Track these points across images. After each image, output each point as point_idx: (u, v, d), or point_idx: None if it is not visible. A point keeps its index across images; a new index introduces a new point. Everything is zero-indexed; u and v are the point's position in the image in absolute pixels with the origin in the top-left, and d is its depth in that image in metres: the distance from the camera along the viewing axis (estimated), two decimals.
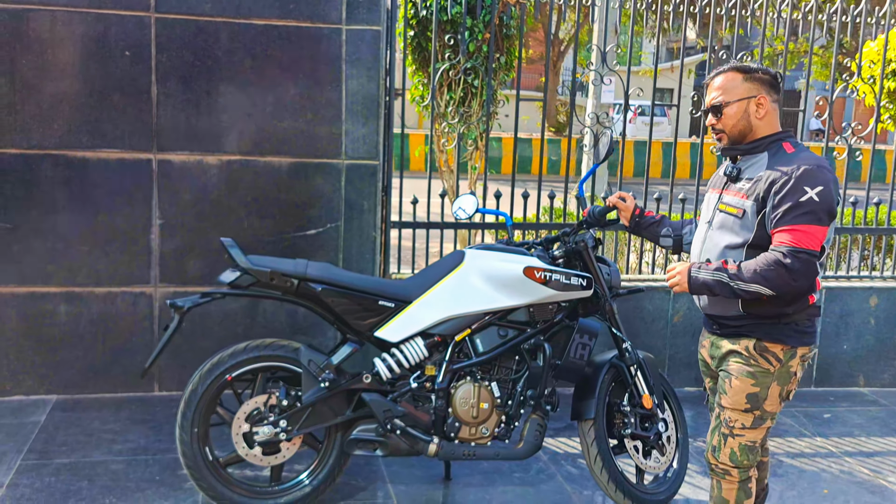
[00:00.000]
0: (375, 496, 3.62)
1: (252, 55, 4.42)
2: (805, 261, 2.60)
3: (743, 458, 2.87)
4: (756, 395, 2.82)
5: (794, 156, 2.71)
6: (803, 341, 2.81)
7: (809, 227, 2.61)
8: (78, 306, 4.48)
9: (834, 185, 2.67)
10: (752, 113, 2.78)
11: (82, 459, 3.81)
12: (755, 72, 2.80)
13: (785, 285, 2.62)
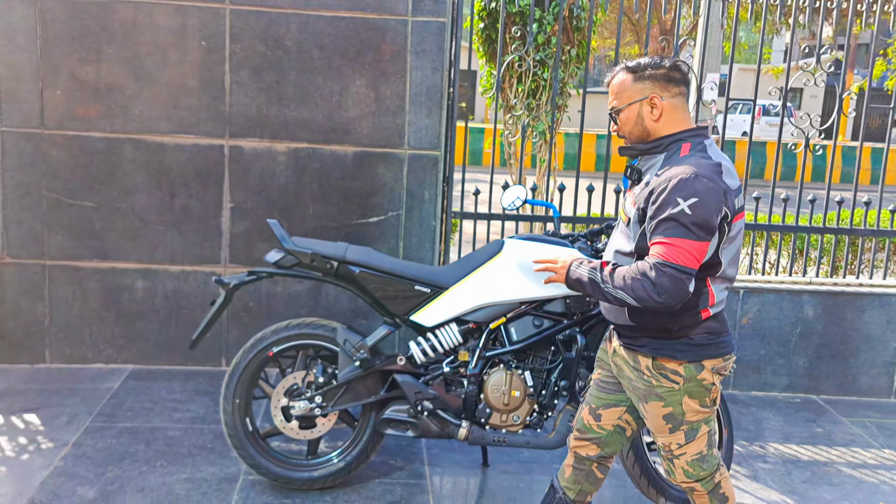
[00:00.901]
0: (411, 476, 3.71)
1: (320, 46, 4.58)
2: (671, 276, 2.38)
3: (697, 472, 2.71)
4: (671, 414, 2.64)
5: (682, 160, 2.47)
6: (705, 354, 2.59)
7: (679, 240, 2.38)
8: (154, 282, 4.74)
9: (713, 195, 2.39)
10: (646, 116, 2.56)
11: (144, 424, 4.04)
12: (644, 70, 2.57)
13: (648, 299, 2.41)
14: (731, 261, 2.57)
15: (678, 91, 2.57)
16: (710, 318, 2.58)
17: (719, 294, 2.58)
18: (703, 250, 2.41)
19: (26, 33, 4.46)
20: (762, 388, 5.14)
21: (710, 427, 2.70)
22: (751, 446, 4.33)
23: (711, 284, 2.55)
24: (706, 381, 2.61)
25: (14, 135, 4.54)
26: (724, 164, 2.49)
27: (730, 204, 2.45)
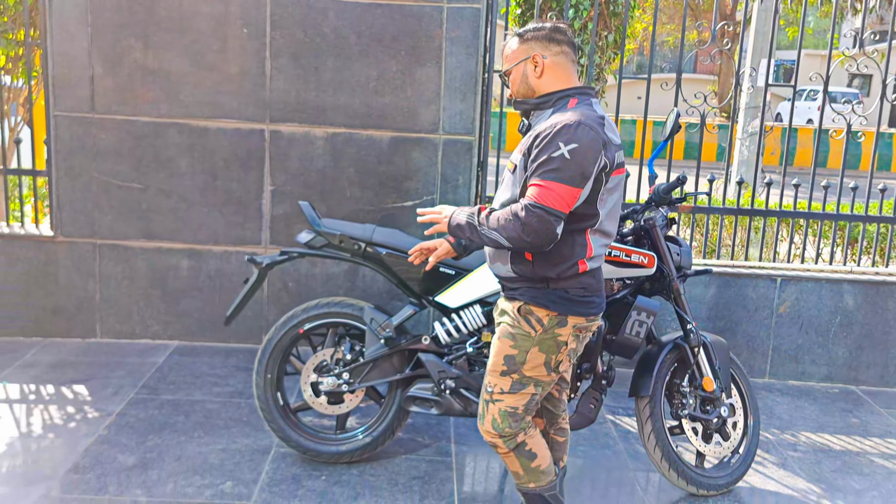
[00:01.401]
0: (436, 453, 3.81)
1: (357, 32, 4.67)
2: (540, 217, 2.42)
3: (504, 426, 2.75)
4: (513, 357, 2.68)
5: (569, 111, 2.56)
6: (574, 310, 2.64)
7: (554, 184, 2.44)
8: (198, 262, 4.91)
9: (593, 144, 2.46)
10: (530, 74, 2.66)
11: (184, 397, 4.21)
12: (528, 32, 2.68)
13: (518, 239, 2.47)
14: (610, 215, 2.65)
15: (560, 50, 2.66)
16: (586, 273, 2.64)
17: (597, 248, 2.65)
18: (575, 196, 2.48)
19: (77, 21, 4.64)
20: (800, 378, 5.11)
21: (537, 391, 2.74)
22: (782, 434, 4.33)
23: (590, 236, 2.62)
24: (561, 338, 2.67)
25: (66, 119, 4.74)
26: (606, 119, 2.59)
27: (609, 155, 2.53)
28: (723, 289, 5.01)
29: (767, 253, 5.74)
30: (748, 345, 5.07)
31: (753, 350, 5.08)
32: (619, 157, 2.61)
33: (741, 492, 3.67)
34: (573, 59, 2.71)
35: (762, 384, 5.03)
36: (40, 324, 4.91)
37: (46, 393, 4.18)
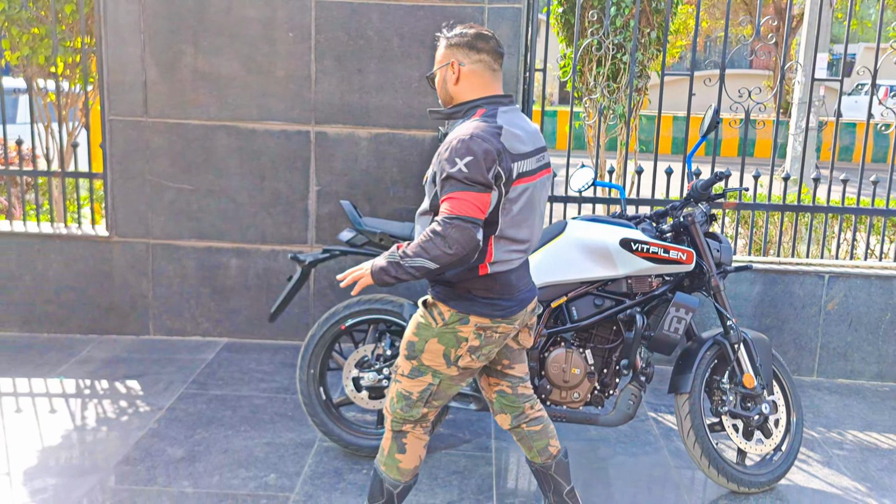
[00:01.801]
0: (476, 448, 3.85)
1: (399, 34, 4.74)
2: (458, 226, 2.44)
3: (397, 406, 2.80)
4: (413, 343, 2.73)
5: (471, 122, 2.57)
6: (476, 310, 2.65)
7: (461, 193, 2.46)
8: (246, 261, 5.04)
9: (486, 155, 2.46)
10: (449, 80, 2.67)
11: (232, 393, 4.33)
12: (453, 37, 2.67)
13: (443, 255, 2.46)
14: (516, 223, 2.63)
15: (479, 58, 2.65)
16: (488, 276, 2.64)
17: (501, 254, 2.64)
18: (486, 201, 2.50)
19: (130, 28, 4.80)
20: (849, 376, 5.04)
21: (433, 382, 2.76)
22: (828, 433, 4.28)
23: (493, 243, 2.61)
24: (462, 334, 2.68)
25: (120, 123, 4.90)
26: (506, 129, 2.56)
27: (505, 165, 2.53)
28: (769, 286, 4.97)
29: (817, 249, 5.66)
30: (795, 342, 5.02)
31: (801, 348, 5.02)
32: (523, 165, 2.60)
33: (784, 490, 3.65)
34: (494, 68, 2.70)
35: (810, 382, 4.98)
36: (96, 321, 5.09)
37: (101, 388, 4.33)
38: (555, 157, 5.22)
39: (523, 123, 2.69)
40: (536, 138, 2.72)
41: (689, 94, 4.93)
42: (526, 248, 2.72)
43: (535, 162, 2.67)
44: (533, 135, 2.71)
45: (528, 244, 2.72)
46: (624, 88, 5.51)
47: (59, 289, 5.06)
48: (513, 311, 2.72)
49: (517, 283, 2.73)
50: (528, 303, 2.78)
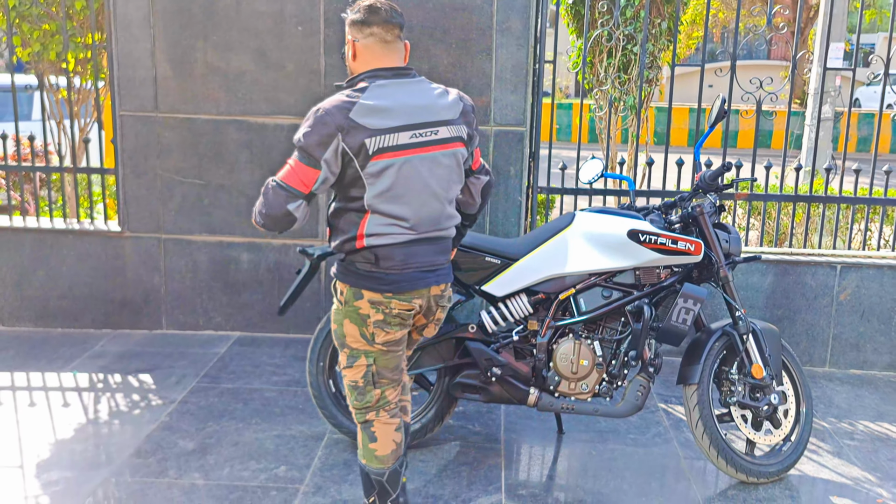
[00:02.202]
0: (486, 440, 3.87)
1: (408, 27, 4.72)
2: (273, 190, 2.57)
3: (352, 399, 2.84)
4: (336, 332, 2.80)
5: (332, 97, 2.62)
6: (363, 284, 2.67)
7: (296, 162, 2.57)
8: (257, 255, 5.06)
9: (322, 129, 2.51)
10: (348, 58, 2.73)
11: (243, 386, 4.36)
12: (348, 15, 2.72)
13: (257, 214, 2.62)
14: (389, 199, 2.61)
15: (370, 32, 2.66)
16: (366, 249, 2.65)
17: (373, 227, 2.63)
18: (311, 176, 2.55)
19: (140, 23, 4.82)
20: (861, 367, 5.02)
21: (369, 363, 2.77)
22: (839, 423, 4.27)
23: (368, 216, 2.62)
24: (362, 311, 2.70)
25: (131, 118, 4.93)
26: (363, 103, 2.55)
27: (351, 140, 2.52)
28: (780, 277, 4.95)
29: (830, 240, 5.63)
30: (807, 333, 5.00)
31: (813, 338, 5.00)
32: (379, 141, 2.56)
33: (793, 480, 3.64)
34: (386, 40, 2.68)
35: (822, 373, 4.96)
36: (109, 316, 5.13)
37: (113, 382, 4.37)
38: (569, 150, 5.22)
39: (404, 96, 2.64)
40: (424, 112, 2.65)
41: (700, 85, 4.92)
42: (410, 225, 2.67)
43: (410, 136, 2.61)
44: (418, 108, 2.64)
45: (410, 221, 2.66)
46: (635, 80, 5.48)
47: (72, 284, 5.11)
48: (402, 288, 2.69)
49: (406, 259, 2.69)
50: (424, 283, 2.73)
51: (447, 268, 2.83)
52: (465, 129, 2.76)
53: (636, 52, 5.39)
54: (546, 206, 5.30)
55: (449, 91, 2.77)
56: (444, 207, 2.74)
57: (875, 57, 5.01)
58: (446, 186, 2.73)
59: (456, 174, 2.77)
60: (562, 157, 5.11)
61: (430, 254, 2.74)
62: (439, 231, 2.75)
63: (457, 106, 2.74)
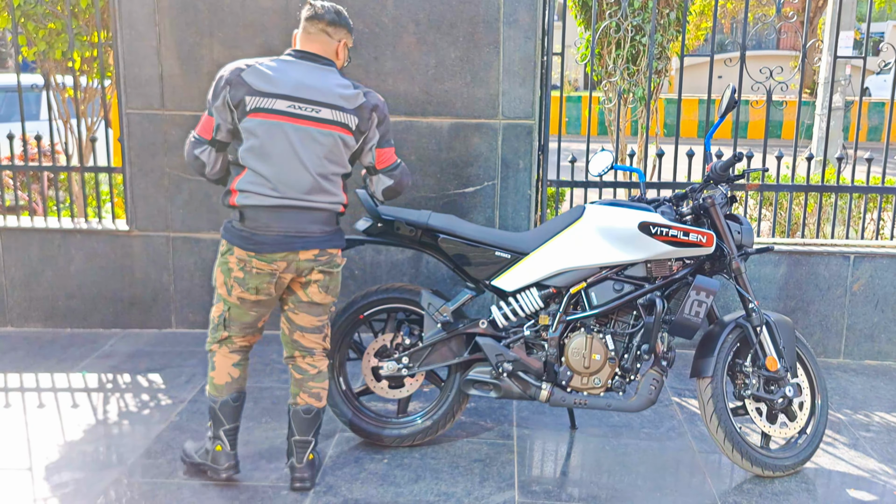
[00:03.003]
0: (498, 436, 3.83)
1: (415, 21, 4.71)
2: (190, 141, 3.10)
3: (209, 330, 3.29)
4: (213, 273, 3.26)
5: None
6: (234, 241, 3.06)
7: (204, 114, 3.06)
8: None
9: (218, 81, 3.01)
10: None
11: (254, 384, 4.33)
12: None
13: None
14: (258, 156, 2.98)
15: (301, 24, 3.14)
16: (236, 208, 3.06)
17: (244, 183, 3.01)
18: (209, 123, 3.04)
19: (145, 21, 4.80)
20: (876, 357, 4.97)
21: (225, 308, 3.18)
22: (855, 415, 4.22)
23: (243, 173, 3.02)
24: (230, 265, 3.10)
25: (138, 116, 4.91)
26: (257, 68, 3.01)
27: (234, 94, 2.97)
28: (793, 267, 4.90)
29: (842, 230, 5.58)
30: (821, 324, 4.95)
31: (827, 329, 4.96)
32: (268, 102, 2.96)
33: (809, 473, 3.60)
34: (308, 31, 3.12)
35: (836, 364, 4.91)
36: (118, 315, 5.12)
37: (122, 382, 4.36)
38: (580, 143, 5.18)
39: (298, 74, 3.02)
40: (311, 91, 2.99)
41: (710, 75, 4.86)
42: (273, 186, 2.99)
43: (288, 106, 2.97)
44: (307, 87, 2.99)
45: (272, 182, 2.99)
46: (643, 71, 5.43)
47: (80, 284, 5.10)
48: (265, 250, 3.02)
49: (273, 223, 3.02)
50: (287, 248, 3.04)
51: (320, 237, 3.12)
52: (355, 121, 3.07)
53: (644, 43, 5.33)
54: (556, 199, 5.26)
55: (359, 88, 3.12)
56: (315, 180, 3.04)
57: (886, 45, 4.95)
58: (318, 162, 3.03)
59: (335, 155, 3.07)
60: (571, 149, 5.06)
61: (298, 221, 3.05)
62: (308, 202, 3.05)
63: (355, 99, 3.07)
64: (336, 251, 3.20)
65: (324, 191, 3.07)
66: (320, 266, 3.14)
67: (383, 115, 3.18)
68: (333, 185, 3.11)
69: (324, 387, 3.31)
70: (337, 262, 3.22)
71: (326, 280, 3.20)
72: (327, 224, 3.14)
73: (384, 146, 3.22)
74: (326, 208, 3.11)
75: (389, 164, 3.26)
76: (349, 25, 3.18)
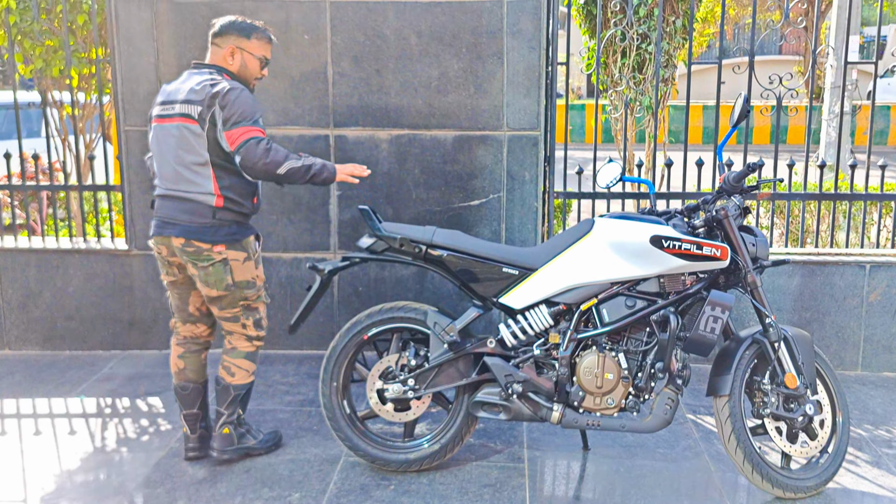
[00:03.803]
0: (509, 459, 3.71)
1: (417, 32, 4.61)
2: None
3: None
4: None
5: None
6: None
7: None
8: (268, 270, 4.92)
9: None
10: None
11: (256, 407, 4.22)
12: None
13: None
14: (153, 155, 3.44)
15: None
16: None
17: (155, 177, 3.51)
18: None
19: (143, 37, 4.71)
20: (894, 369, 4.84)
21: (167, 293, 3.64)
22: (876, 430, 4.10)
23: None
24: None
25: (136, 133, 4.82)
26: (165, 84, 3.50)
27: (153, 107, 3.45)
28: (808, 278, 4.78)
29: (855, 237, 5.46)
30: (838, 336, 4.82)
31: (844, 341, 4.83)
32: (154, 110, 3.42)
33: (832, 493, 3.47)
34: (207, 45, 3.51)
35: (854, 377, 4.78)
36: (118, 337, 5.01)
37: (122, 406, 4.25)
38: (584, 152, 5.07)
39: (179, 81, 3.41)
40: (175, 93, 3.34)
41: (718, 82, 4.76)
42: (157, 178, 3.43)
43: (159, 110, 3.39)
44: (174, 90, 3.36)
45: (158, 177, 3.42)
46: (650, 79, 5.32)
47: (79, 305, 5.00)
48: (153, 233, 3.43)
49: (158, 210, 3.41)
50: (161, 232, 3.38)
51: (187, 226, 3.31)
52: (198, 109, 3.25)
53: (650, 51, 5.23)
54: (563, 210, 5.15)
55: (215, 83, 3.29)
56: (176, 170, 3.31)
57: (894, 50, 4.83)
58: (175, 153, 3.30)
59: (187, 145, 3.28)
60: (576, 158, 4.97)
61: (170, 209, 3.34)
62: (175, 191, 3.32)
63: (202, 91, 3.26)
64: (206, 245, 3.31)
65: (187, 180, 3.29)
66: (187, 257, 3.34)
67: (226, 100, 3.24)
68: (198, 175, 3.29)
69: (237, 363, 3.56)
70: (207, 256, 3.32)
71: (202, 274, 3.36)
72: (197, 215, 3.30)
73: (231, 128, 3.23)
74: (193, 199, 3.30)
75: (238, 143, 3.24)
76: (236, 30, 3.44)
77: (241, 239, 3.40)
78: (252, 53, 3.47)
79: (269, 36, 3.55)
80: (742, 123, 3.41)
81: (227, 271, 3.37)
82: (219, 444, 3.57)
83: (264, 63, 3.53)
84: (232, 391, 3.56)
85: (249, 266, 3.46)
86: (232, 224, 3.36)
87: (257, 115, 3.30)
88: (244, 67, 3.46)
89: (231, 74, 3.42)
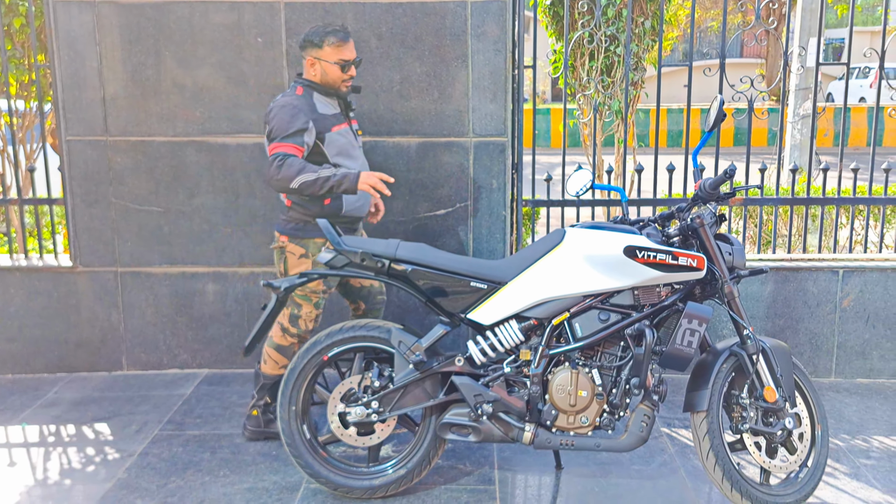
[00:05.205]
0: (479, 481, 3.53)
1: (377, 35, 4.42)
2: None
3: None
4: None
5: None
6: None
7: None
8: (224, 285, 4.70)
9: None
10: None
11: (211, 432, 3.99)
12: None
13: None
14: None
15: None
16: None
17: None
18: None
19: (85, 41, 4.47)
20: (868, 375, 4.75)
21: None
22: (853, 440, 3.98)
23: None
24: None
25: (79, 143, 4.56)
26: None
27: None
28: (781, 284, 4.67)
29: (827, 242, 5.37)
30: (811, 342, 4.72)
31: (817, 348, 4.72)
32: None
33: None
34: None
35: (828, 384, 4.68)
36: (64, 359, 4.75)
37: (66, 434, 3.99)
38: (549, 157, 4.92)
39: None
40: None
41: (689, 85, 4.63)
42: None
43: None
44: None
45: None
46: (619, 82, 5.18)
47: (21, 325, 4.72)
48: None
49: None
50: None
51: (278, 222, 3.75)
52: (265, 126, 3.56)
53: (619, 53, 5.09)
54: (532, 219, 4.99)
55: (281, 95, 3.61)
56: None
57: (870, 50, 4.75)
58: None
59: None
60: (543, 163, 4.80)
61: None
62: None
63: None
64: (277, 234, 3.70)
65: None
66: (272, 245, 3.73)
67: (269, 117, 3.49)
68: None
69: (269, 352, 3.77)
70: (275, 242, 3.72)
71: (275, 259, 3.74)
72: (280, 211, 3.74)
73: (269, 143, 3.48)
74: (280, 198, 3.70)
75: (269, 158, 3.43)
76: (309, 42, 3.55)
77: (303, 237, 3.61)
78: (327, 61, 3.55)
79: (342, 37, 3.58)
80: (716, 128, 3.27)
81: (283, 260, 3.66)
82: (248, 423, 3.88)
83: (346, 65, 3.58)
84: (262, 378, 3.80)
85: (305, 263, 3.63)
86: (299, 221, 3.61)
87: (292, 129, 3.41)
88: (325, 76, 3.58)
89: (315, 85, 3.59)
